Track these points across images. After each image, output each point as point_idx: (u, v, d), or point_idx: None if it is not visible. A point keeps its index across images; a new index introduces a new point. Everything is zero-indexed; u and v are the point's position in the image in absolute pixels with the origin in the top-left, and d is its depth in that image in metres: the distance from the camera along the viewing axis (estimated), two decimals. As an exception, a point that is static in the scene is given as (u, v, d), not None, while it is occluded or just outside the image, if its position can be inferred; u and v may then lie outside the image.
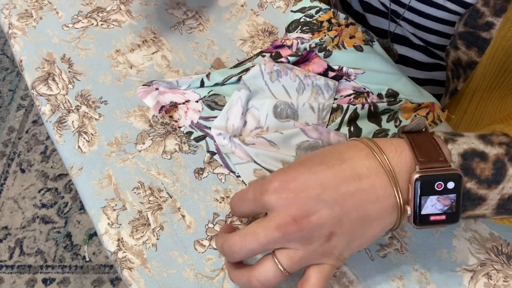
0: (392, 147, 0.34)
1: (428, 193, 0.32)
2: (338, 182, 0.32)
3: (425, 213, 0.33)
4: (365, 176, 0.33)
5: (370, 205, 0.33)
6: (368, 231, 0.34)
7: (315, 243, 0.32)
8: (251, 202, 0.34)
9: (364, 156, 0.33)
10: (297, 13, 0.57)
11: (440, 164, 0.32)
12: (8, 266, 1.28)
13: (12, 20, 0.58)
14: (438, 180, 0.32)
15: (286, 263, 0.33)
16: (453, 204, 0.32)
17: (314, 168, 0.33)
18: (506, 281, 0.39)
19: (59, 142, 0.48)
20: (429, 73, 0.62)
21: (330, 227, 0.32)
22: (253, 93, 0.48)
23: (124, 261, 0.41)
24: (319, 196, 0.32)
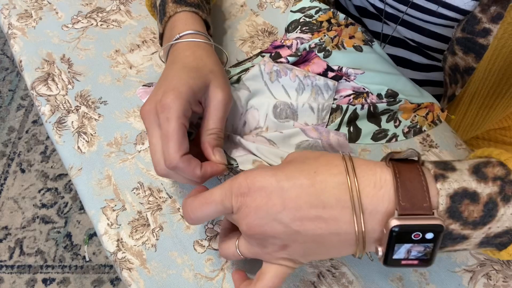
0: (372, 180, 0.31)
1: (403, 241, 0.30)
2: (300, 204, 0.31)
3: (397, 257, 0.31)
4: (330, 207, 0.31)
5: (328, 236, 0.31)
6: (324, 253, 0.34)
7: (270, 248, 0.34)
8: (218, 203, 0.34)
9: (336, 185, 0.31)
10: (296, 13, 0.57)
11: (422, 212, 0.29)
12: (8, 266, 1.28)
13: (11, 21, 0.58)
14: (416, 231, 0.29)
15: (242, 249, 0.36)
16: (427, 251, 0.30)
17: (281, 183, 0.32)
18: (505, 281, 0.39)
19: (59, 142, 0.48)
20: (426, 74, 0.62)
21: (283, 240, 0.33)
22: (252, 93, 0.48)
23: (123, 261, 0.41)
24: (278, 213, 0.32)
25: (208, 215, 0.35)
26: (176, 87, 0.39)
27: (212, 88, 0.42)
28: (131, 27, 0.57)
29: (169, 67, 0.43)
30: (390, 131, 0.48)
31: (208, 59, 0.44)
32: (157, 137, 0.39)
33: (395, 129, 0.48)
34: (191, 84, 0.40)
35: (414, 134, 0.48)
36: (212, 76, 0.42)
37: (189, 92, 0.39)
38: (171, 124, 0.38)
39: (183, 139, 0.38)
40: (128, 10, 0.59)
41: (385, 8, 0.58)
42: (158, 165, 0.39)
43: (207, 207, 0.34)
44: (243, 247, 0.36)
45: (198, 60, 0.43)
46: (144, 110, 0.40)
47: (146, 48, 0.55)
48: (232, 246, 0.37)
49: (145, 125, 0.40)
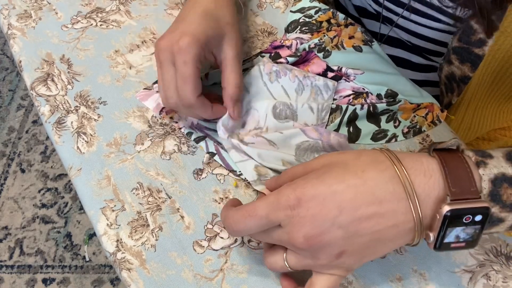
0: (422, 169, 0.32)
1: (455, 225, 0.31)
2: (356, 205, 0.31)
3: (448, 241, 0.32)
4: (386, 201, 0.31)
5: (387, 229, 0.32)
6: (380, 249, 0.34)
7: (324, 259, 0.33)
8: (263, 218, 0.33)
9: (388, 179, 0.32)
10: (296, 13, 0.57)
11: (471, 196, 0.31)
12: (8, 266, 1.28)
13: (11, 21, 0.58)
14: (467, 214, 0.31)
15: (292, 264, 0.35)
16: (475, 233, 0.32)
17: (334, 187, 0.32)
18: (505, 281, 0.39)
19: (58, 142, 0.48)
20: (426, 74, 0.62)
21: (340, 246, 0.32)
22: (252, 94, 0.48)
23: (123, 262, 0.41)
24: (335, 218, 0.31)
25: (250, 229, 0.34)
26: (195, 33, 0.42)
27: (227, 41, 0.45)
28: (130, 27, 0.57)
29: (190, 9, 0.45)
30: (389, 131, 0.48)
31: (227, 9, 0.46)
32: (171, 73, 0.42)
33: (395, 129, 0.48)
34: (209, 33, 0.43)
35: (414, 134, 0.48)
36: (228, 28, 0.45)
37: (205, 41, 0.42)
38: (189, 68, 0.41)
39: (198, 82, 0.42)
40: (127, 10, 0.59)
41: (382, 12, 0.58)
42: (170, 98, 0.43)
43: (250, 220, 0.33)
44: (293, 261, 0.34)
45: (218, 9, 0.45)
46: (160, 46, 0.42)
47: (146, 48, 0.55)
48: (279, 260, 0.35)
49: (159, 59, 0.43)
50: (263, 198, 0.34)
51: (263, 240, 0.36)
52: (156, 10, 0.59)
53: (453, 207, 0.30)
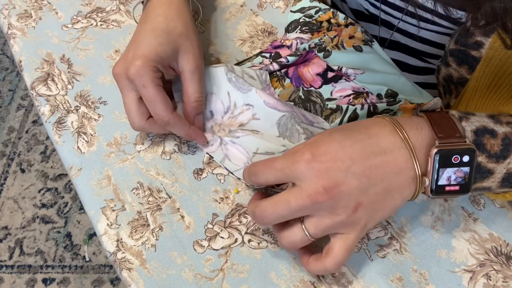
0: (413, 124, 0.36)
1: (445, 166, 0.35)
2: (365, 155, 0.35)
3: (442, 184, 0.35)
4: (390, 151, 0.35)
5: (393, 177, 0.35)
6: (390, 202, 0.36)
7: (343, 214, 0.35)
8: (278, 170, 0.36)
9: (388, 132, 0.36)
10: (296, 13, 0.57)
11: (456, 140, 0.35)
12: (8, 266, 1.28)
13: (11, 21, 0.58)
14: (455, 154, 0.35)
15: (312, 230, 0.36)
16: (466, 176, 0.35)
17: (343, 142, 0.35)
18: (505, 281, 0.39)
19: (59, 142, 0.48)
20: (424, 77, 0.62)
21: (357, 197, 0.35)
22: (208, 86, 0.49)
23: (123, 261, 0.41)
24: (349, 168, 0.34)
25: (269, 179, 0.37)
26: (144, 54, 0.42)
27: (182, 54, 0.44)
28: (131, 27, 0.57)
29: (140, 27, 0.45)
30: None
31: (178, 20, 0.45)
32: (130, 97, 0.43)
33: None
34: (158, 51, 0.43)
35: None
36: (181, 40, 0.44)
37: (157, 59, 0.42)
38: (150, 90, 0.41)
39: (166, 99, 0.42)
40: (128, 10, 0.59)
41: (380, 15, 0.58)
42: (133, 122, 0.44)
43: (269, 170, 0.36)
44: (312, 226, 0.35)
45: (168, 21, 0.44)
46: (115, 72, 0.43)
47: (146, 48, 0.55)
48: (298, 231, 0.36)
49: (118, 85, 0.44)
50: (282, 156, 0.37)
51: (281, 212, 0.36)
52: (156, 10, 0.59)
53: (441, 148, 0.35)
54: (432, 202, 0.44)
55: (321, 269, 0.37)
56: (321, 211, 0.35)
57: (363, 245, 0.42)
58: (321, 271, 0.38)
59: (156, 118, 0.43)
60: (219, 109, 0.48)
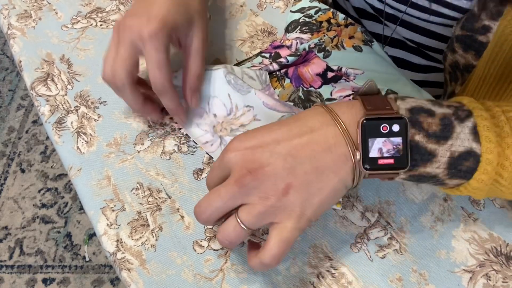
0: (344, 104, 0.36)
1: (374, 135, 0.33)
2: (291, 136, 0.35)
3: (373, 156, 0.34)
4: (317, 129, 0.35)
5: (323, 154, 0.34)
6: (325, 184, 0.34)
7: (272, 196, 0.34)
8: (216, 168, 0.37)
9: (317, 113, 0.36)
10: (296, 13, 0.57)
11: (386, 111, 0.34)
12: (8, 266, 1.28)
13: (11, 21, 0.58)
14: (383, 123, 0.33)
15: (245, 217, 0.34)
16: (399, 147, 0.33)
17: (270, 127, 0.36)
18: (505, 281, 0.39)
19: (58, 142, 0.48)
20: (426, 75, 0.62)
21: (284, 178, 0.34)
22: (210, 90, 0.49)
23: (123, 262, 0.41)
24: (273, 149, 0.34)
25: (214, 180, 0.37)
26: (164, 18, 0.41)
27: (195, 30, 0.44)
28: (130, 27, 0.57)
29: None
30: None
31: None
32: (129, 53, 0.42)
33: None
34: (177, 19, 0.42)
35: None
36: (197, 17, 0.44)
37: (174, 27, 0.42)
38: (161, 54, 0.41)
39: (170, 68, 0.42)
40: (127, 10, 0.59)
41: (385, 8, 0.58)
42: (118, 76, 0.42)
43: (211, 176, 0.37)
44: (244, 213, 0.34)
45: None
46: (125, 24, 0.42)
47: (146, 48, 0.55)
48: (231, 221, 0.35)
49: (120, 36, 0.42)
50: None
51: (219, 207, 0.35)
52: (156, 10, 0.59)
53: (368, 117, 0.34)
54: (432, 202, 0.44)
55: (257, 263, 0.35)
56: (250, 196, 0.34)
57: (363, 245, 0.42)
58: (258, 266, 0.35)
59: (155, 83, 0.42)
60: (222, 111, 0.48)
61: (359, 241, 0.42)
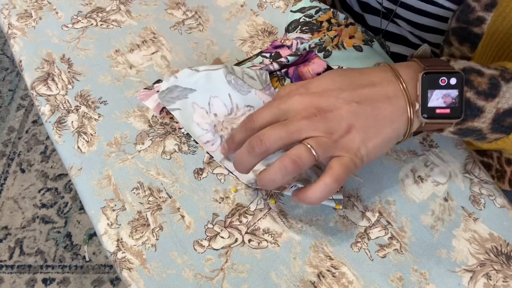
0: (404, 64, 0.40)
1: (433, 87, 0.37)
2: (354, 87, 0.38)
3: (432, 105, 0.37)
4: (378, 83, 0.38)
5: (382, 104, 0.38)
6: (382, 131, 0.38)
7: (336, 133, 0.37)
8: (275, 107, 0.39)
9: (379, 70, 0.40)
10: (296, 13, 0.57)
11: (444, 67, 0.38)
12: (8, 266, 1.28)
13: (11, 20, 0.58)
14: (442, 76, 0.37)
15: (315, 145, 0.36)
16: (456, 99, 0.37)
17: (334, 78, 0.39)
18: (505, 281, 0.39)
19: (59, 142, 0.48)
20: None
21: (348, 119, 0.37)
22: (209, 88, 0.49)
23: (123, 261, 0.41)
24: (338, 95, 0.38)
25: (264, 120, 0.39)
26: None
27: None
28: (131, 27, 0.57)
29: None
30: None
31: None
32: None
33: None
34: None
35: (414, 134, 0.48)
36: None
37: None
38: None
39: None
40: (128, 10, 0.59)
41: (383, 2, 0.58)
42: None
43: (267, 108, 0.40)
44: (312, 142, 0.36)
45: None
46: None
47: (146, 48, 0.55)
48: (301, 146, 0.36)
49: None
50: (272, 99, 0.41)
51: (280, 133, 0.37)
52: (157, 10, 0.59)
53: (428, 71, 0.37)
54: (432, 202, 0.44)
55: (320, 185, 0.36)
56: (316, 131, 0.37)
57: (363, 245, 0.42)
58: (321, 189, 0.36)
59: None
60: (222, 111, 0.48)
61: (359, 241, 0.42)
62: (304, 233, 0.42)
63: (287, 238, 0.42)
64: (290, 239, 0.42)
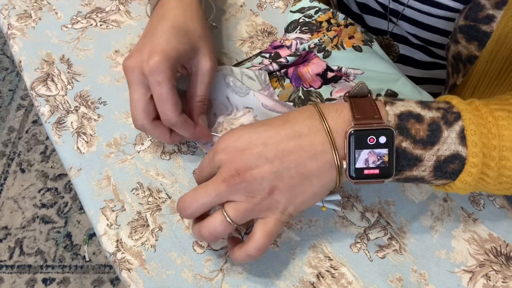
0: (333, 108, 0.36)
1: (361, 147, 0.34)
2: (279, 139, 0.35)
3: (359, 166, 0.34)
4: (305, 134, 0.35)
5: (308, 161, 0.35)
6: (308, 188, 0.36)
7: (258, 196, 0.35)
8: (206, 167, 0.38)
9: (306, 117, 0.36)
10: (296, 13, 0.57)
11: (374, 121, 0.34)
12: (8, 266, 1.28)
13: (11, 21, 0.58)
14: (370, 135, 0.34)
15: (232, 213, 0.36)
16: (384, 159, 0.34)
17: (258, 128, 0.36)
18: (505, 282, 0.39)
19: (58, 142, 0.48)
20: (428, 71, 0.62)
21: (271, 181, 0.35)
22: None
23: (123, 262, 0.41)
24: (261, 152, 0.35)
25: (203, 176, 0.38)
26: (164, 50, 0.41)
27: (201, 56, 0.44)
28: (130, 27, 0.57)
29: (157, 24, 0.43)
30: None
31: (198, 22, 0.45)
32: (140, 93, 0.41)
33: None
34: (180, 49, 0.42)
35: None
36: (201, 43, 0.44)
37: (177, 57, 0.41)
38: (164, 88, 0.40)
39: (177, 100, 0.41)
40: (127, 10, 0.59)
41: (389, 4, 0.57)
42: (136, 119, 0.42)
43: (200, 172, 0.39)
44: (231, 209, 0.36)
45: (188, 22, 0.44)
46: (128, 65, 0.41)
47: (146, 48, 0.55)
48: (219, 215, 0.36)
49: (128, 79, 0.42)
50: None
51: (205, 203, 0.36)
52: (156, 10, 0.59)
53: (356, 128, 0.34)
54: (432, 202, 0.44)
55: (243, 255, 0.37)
56: (237, 194, 0.35)
57: (362, 246, 0.42)
58: (244, 257, 0.37)
59: (163, 117, 0.41)
60: (221, 111, 0.48)
61: (359, 241, 0.42)
62: (303, 233, 0.42)
63: (287, 239, 0.42)
64: (290, 240, 0.42)
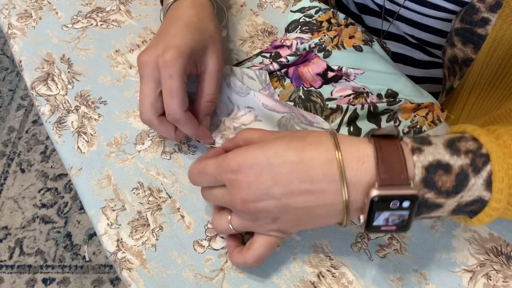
0: (356, 155, 0.33)
1: (382, 209, 0.32)
2: (290, 180, 0.33)
3: (377, 224, 0.33)
4: (318, 182, 0.33)
5: (316, 207, 0.34)
6: (312, 223, 0.37)
7: (262, 221, 0.36)
8: (211, 177, 0.37)
9: (324, 161, 0.33)
10: (296, 13, 0.57)
11: (400, 182, 0.32)
12: (8, 266, 1.28)
13: (11, 20, 0.58)
14: (394, 200, 0.32)
15: (235, 225, 0.38)
16: (404, 218, 0.33)
17: (272, 160, 0.34)
18: (505, 281, 0.39)
19: (59, 142, 0.48)
20: (426, 71, 0.62)
21: (275, 214, 0.35)
22: None
23: (123, 261, 0.41)
24: (269, 188, 0.34)
25: (202, 183, 0.39)
26: (179, 45, 0.41)
27: (210, 54, 0.44)
28: (131, 27, 0.57)
29: (172, 23, 0.44)
30: (390, 131, 0.48)
31: (210, 22, 0.46)
32: (150, 88, 0.41)
33: (395, 129, 0.48)
34: (193, 45, 0.42)
35: (414, 134, 0.48)
36: (211, 41, 0.45)
37: (190, 53, 0.42)
38: (175, 82, 0.40)
39: (185, 96, 0.41)
40: (128, 10, 0.59)
41: (385, 4, 0.58)
42: (144, 114, 0.42)
43: (202, 176, 0.38)
44: (235, 222, 0.37)
45: (201, 22, 0.45)
46: (142, 60, 0.41)
47: (146, 48, 0.55)
48: (224, 222, 0.38)
49: (141, 73, 0.42)
50: (215, 158, 0.37)
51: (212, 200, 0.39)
52: (157, 10, 0.59)
53: (380, 193, 0.31)
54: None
55: (241, 261, 0.38)
56: (243, 214, 0.36)
57: (363, 245, 0.42)
58: (241, 263, 0.38)
59: (168, 112, 0.41)
60: (223, 111, 0.48)
61: (359, 241, 0.42)
62: (304, 233, 0.42)
63: (287, 238, 0.42)
64: (290, 239, 0.42)
